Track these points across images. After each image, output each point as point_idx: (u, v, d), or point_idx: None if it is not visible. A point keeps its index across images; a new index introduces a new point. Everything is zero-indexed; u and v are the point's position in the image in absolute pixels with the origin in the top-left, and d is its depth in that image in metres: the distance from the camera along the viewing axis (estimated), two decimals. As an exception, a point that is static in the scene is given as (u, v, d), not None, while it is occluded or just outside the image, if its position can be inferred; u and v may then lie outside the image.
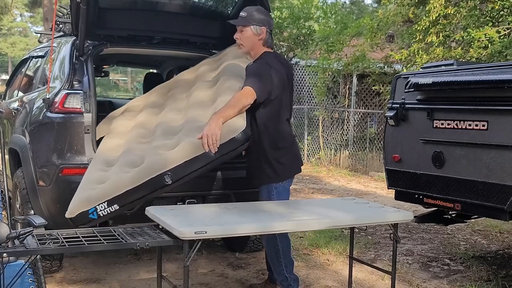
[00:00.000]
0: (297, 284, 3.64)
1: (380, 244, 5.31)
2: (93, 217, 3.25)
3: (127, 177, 3.27)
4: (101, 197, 3.25)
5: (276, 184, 3.53)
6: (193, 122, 3.53)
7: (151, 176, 3.22)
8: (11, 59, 42.21)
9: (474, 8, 8.09)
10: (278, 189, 3.54)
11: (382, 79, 10.33)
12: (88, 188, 3.37)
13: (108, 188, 3.27)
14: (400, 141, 4.30)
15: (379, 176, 9.62)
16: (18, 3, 36.29)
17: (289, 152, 3.60)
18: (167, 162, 3.25)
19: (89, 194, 3.30)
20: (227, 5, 4.51)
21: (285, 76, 3.55)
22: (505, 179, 3.48)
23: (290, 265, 3.62)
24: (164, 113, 3.92)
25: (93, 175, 3.47)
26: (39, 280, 2.52)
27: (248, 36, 3.53)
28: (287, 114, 3.62)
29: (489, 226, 5.93)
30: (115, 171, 3.40)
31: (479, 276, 4.29)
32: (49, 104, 3.77)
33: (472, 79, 3.68)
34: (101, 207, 3.24)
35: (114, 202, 3.23)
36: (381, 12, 10.55)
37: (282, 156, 3.53)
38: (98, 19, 4.03)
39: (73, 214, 3.30)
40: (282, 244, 3.55)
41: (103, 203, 3.23)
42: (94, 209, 3.24)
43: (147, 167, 3.27)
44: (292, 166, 3.62)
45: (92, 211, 3.24)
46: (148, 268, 4.32)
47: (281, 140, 3.55)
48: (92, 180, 3.42)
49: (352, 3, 35.33)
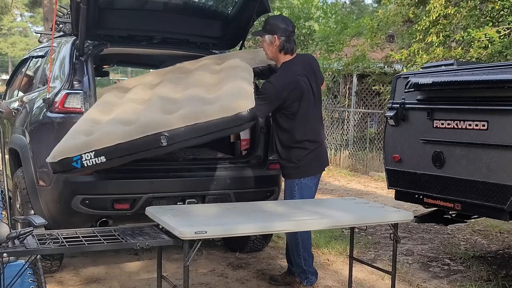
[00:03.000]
0: (315, 278, 3.75)
1: (380, 244, 5.31)
2: (76, 166, 3.10)
3: (120, 131, 3.15)
4: (89, 146, 3.10)
5: (298, 180, 3.66)
6: (196, 95, 3.47)
7: (146, 134, 3.10)
8: (11, 59, 42.25)
9: (474, 8, 8.08)
10: (299, 185, 3.66)
11: (382, 79, 10.33)
12: (75, 137, 3.21)
13: (97, 138, 3.13)
14: (400, 141, 4.30)
15: (379, 176, 9.61)
16: (18, 3, 36.31)
17: (313, 152, 3.69)
18: (166, 123, 3.15)
19: (75, 142, 3.15)
20: (227, 5, 4.51)
21: (304, 80, 3.65)
22: (505, 179, 3.48)
23: (310, 258, 3.73)
24: (159, 87, 3.82)
25: (78, 128, 3.33)
26: (39, 280, 2.51)
27: (266, 46, 3.72)
28: (312, 114, 3.71)
29: (489, 226, 5.93)
30: (106, 126, 3.26)
31: (479, 276, 4.29)
32: (49, 104, 3.77)
33: (472, 79, 3.68)
34: (87, 156, 3.08)
35: (101, 153, 3.09)
36: (381, 12, 10.55)
37: (299, 155, 3.66)
38: (98, 19, 4.02)
39: (55, 159, 3.16)
40: (302, 237, 3.66)
41: (89, 152, 3.08)
42: (79, 157, 3.08)
43: (143, 124, 3.16)
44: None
45: (76, 159, 3.08)
46: (148, 268, 4.32)
47: (293, 139, 3.68)
48: (78, 131, 3.28)
49: (352, 3, 35.36)
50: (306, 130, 3.68)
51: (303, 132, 3.67)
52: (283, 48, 3.65)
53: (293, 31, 3.70)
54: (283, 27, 3.66)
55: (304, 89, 3.64)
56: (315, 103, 3.75)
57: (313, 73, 3.75)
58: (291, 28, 3.70)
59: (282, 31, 3.64)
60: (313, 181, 3.75)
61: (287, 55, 3.69)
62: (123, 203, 3.69)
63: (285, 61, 3.70)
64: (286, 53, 3.68)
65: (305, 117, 3.67)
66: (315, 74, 3.77)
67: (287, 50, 3.67)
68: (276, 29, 3.64)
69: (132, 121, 3.27)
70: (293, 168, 3.70)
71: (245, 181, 4.04)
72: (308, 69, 3.73)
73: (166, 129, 3.12)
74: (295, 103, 3.61)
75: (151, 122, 3.17)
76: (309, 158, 3.69)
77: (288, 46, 3.65)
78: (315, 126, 3.76)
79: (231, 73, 3.69)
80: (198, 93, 3.50)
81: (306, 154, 3.68)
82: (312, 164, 3.72)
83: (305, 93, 3.65)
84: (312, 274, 3.74)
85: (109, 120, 3.36)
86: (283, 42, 3.64)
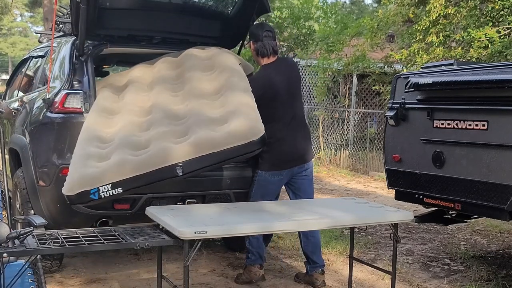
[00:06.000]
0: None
1: (380, 244, 5.31)
2: (93, 198, 3.18)
3: (135, 162, 3.22)
4: (105, 178, 3.17)
5: (260, 171, 3.90)
6: (200, 112, 3.55)
7: (163, 165, 3.20)
8: (11, 59, 42.24)
9: (474, 8, 8.08)
10: (258, 176, 3.90)
11: (382, 79, 10.32)
12: (88, 165, 3.26)
13: (113, 170, 3.19)
14: (400, 141, 4.30)
15: (379, 176, 9.61)
16: (18, 3, 36.30)
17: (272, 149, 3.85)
18: (180, 153, 3.25)
19: (91, 172, 3.21)
20: (227, 5, 4.51)
21: (277, 81, 3.85)
22: (505, 179, 3.48)
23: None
24: (156, 93, 3.88)
25: (88, 151, 3.37)
26: (39, 280, 2.51)
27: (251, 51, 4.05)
28: (283, 114, 3.88)
29: (489, 226, 5.93)
30: (118, 152, 3.32)
31: (479, 276, 4.29)
32: (49, 104, 3.77)
33: (472, 79, 3.67)
34: (104, 189, 3.17)
35: (118, 185, 3.18)
36: (381, 12, 10.54)
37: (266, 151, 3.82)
38: (98, 19, 4.02)
39: (73, 192, 3.22)
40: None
41: (107, 185, 3.16)
42: (96, 189, 3.16)
43: (158, 155, 3.24)
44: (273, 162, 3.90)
45: (94, 191, 3.16)
46: (148, 268, 4.32)
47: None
48: (89, 156, 3.32)
49: (352, 3, 35.36)
50: (275, 129, 3.80)
51: (273, 130, 3.78)
52: (258, 52, 3.93)
53: (267, 36, 3.92)
54: (256, 33, 3.95)
55: (276, 90, 3.82)
56: (290, 103, 3.92)
57: (289, 75, 3.94)
58: (265, 33, 3.91)
59: (255, 36, 3.94)
60: (276, 177, 3.89)
61: (264, 58, 3.94)
62: (123, 203, 3.69)
63: (264, 64, 3.95)
64: (263, 57, 3.94)
65: (275, 116, 3.83)
66: (291, 77, 3.96)
67: (263, 54, 3.93)
68: (251, 35, 4.00)
69: (142, 146, 3.35)
70: (260, 160, 3.90)
71: (245, 181, 4.04)
72: (283, 71, 3.92)
73: (182, 159, 3.24)
74: (270, 103, 3.80)
75: (164, 152, 3.25)
76: (274, 154, 3.85)
77: (262, 51, 3.91)
78: (287, 126, 3.89)
79: (228, 81, 3.81)
80: (202, 109, 3.59)
81: (270, 150, 3.81)
82: (275, 160, 3.87)
83: (278, 93, 3.83)
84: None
85: (118, 142, 3.41)
86: (257, 47, 3.92)
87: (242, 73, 3.96)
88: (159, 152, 3.26)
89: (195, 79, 3.93)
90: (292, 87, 3.95)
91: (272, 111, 3.81)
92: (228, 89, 3.73)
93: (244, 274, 4.02)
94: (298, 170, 3.93)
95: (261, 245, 4.03)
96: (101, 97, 3.87)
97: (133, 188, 3.24)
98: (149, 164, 3.21)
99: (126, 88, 4.03)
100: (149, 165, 3.21)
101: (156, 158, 3.23)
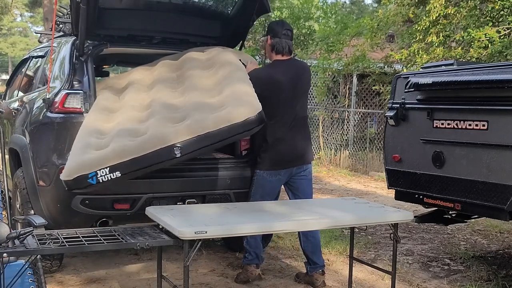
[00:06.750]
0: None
1: (380, 244, 5.31)
2: (91, 182, 3.13)
3: (133, 145, 3.20)
4: (103, 162, 3.14)
5: (258, 171, 3.92)
6: (199, 100, 3.54)
7: (161, 147, 3.17)
8: (11, 59, 42.23)
9: (474, 8, 8.08)
10: (258, 175, 3.92)
11: (382, 79, 10.32)
12: (85, 152, 3.22)
13: (111, 153, 3.16)
14: (400, 141, 4.30)
15: (379, 176, 9.61)
16: (18, 3, 36.29)
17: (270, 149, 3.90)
18: (178, 134, 3.22)
19: (89, 157, 3.17)
20: (227, 5, 4.51)
21: (281, 80, 3.84)
22: (505, 179, 3.48)
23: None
24: (156, 91, 3.87)
25: (87, 141, 3.34)
26: (39, 280, 2.52)
27: (266, 46, 4.05)
28: (283, 113, 3.87)
29: (489, 226, 5.93)
30: (116, 140, 3.29)
31: (479, 276, 4.29)
32: (49, 104, 3.77)
33: (472, 79, 3.68)
34: (102, 173, 3.12)
35: (116, 168, 3.14)
36: (381, 12, 10.53)
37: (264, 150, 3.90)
38: (98, 19, 4.02)
39: (70, 177, 3.18)
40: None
41: (104, 168, 3.12)
42: (94, 173, 3.11)
43: (156, 136, 3.22)
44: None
45: (92, 175, 3.11)
46: (148, 268, 4.32)
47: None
48: (88, 145, 3.29)
49: (352, 3, 35.37)
50: (274, 128, 3.84)
51: (272, 130, 3.83)
52: (274, 48, 3.94)
53: (285, 34, 3.93)
54: (275, 29, 3.96)
55: (277, 88, 3.82)
56: (292, 103, 3.90)
57: (296, 78, 3.93)
58: (285, 31, 3.93)
59: (274, 32, 3.95)
60: (274, 177, 3.89)
61: (278, 55, 3.94)
62: (123, 203, 3.69)
63: (275, 59, 3.96)
64: (277, 53, 3.94)
65: (275, 115, 3.82)
66: (299, 80, 3.94)
67: (278, 51, 3.93)
68: (270, 30, 4.01)
69: (141, 133, 3.31)
70: (259, 160, 3.95)
71: (245, 181, 4.04)
72: (291, 72, 3.91)
73: (178, 140, 3.20)
74: (269, 100, 3.76)
75: (162, 134, 3.22)
76: (272, 154, 3.86)
77: (278, 48, 3.92)
78: (287, 126, 3.89)
79: (227, 73, 3.79)
80: (200, 98, 3.57)
81: (268, 149, 3.86)
82: (273, 160, 3.88)
83: (279, 92, 3.83)
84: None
85: (117, 132, 3.38)
86: (274, 43, 3.93)
87: (241, 67, 3.95)
88: (157, 134, 3.24)
89: (195, 76, 3.93)
90: (297, 88, 3.93)
91: (271, 109, 3.79)
92: (227, 79, 3.72)
93: (242, 274, 4.04)
94: (296, 171, 3.94)
95: (259, 245, 4.04)
96: (101, 97, 3.88)
97: (132, 171, 3.18)
98: (147, 146, 3.17)
99: (126, 89, 4.03)
100: (147, 147, 3.17)
101: (154, 139, 3.20)
